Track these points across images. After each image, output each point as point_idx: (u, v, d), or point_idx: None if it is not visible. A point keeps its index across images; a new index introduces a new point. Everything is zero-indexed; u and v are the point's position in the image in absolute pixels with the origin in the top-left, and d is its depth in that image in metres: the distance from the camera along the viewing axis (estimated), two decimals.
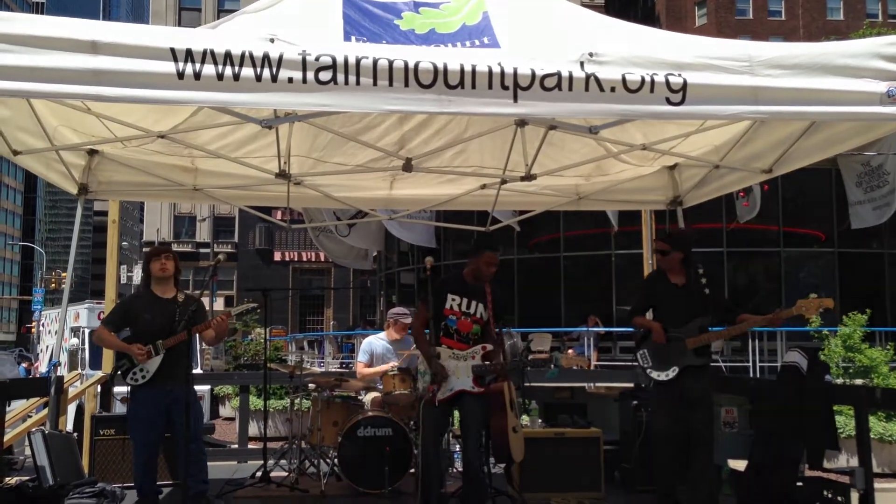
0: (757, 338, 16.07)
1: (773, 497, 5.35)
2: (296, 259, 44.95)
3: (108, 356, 7.82)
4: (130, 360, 5.62)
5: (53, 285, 51.77)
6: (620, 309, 19.53)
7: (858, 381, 13.80)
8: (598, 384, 16.13)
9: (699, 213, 7.69)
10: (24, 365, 21.14)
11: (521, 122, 5.48)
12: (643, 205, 7.61)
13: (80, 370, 14.03)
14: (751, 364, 16.05)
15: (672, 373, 5.44)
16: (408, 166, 6.10)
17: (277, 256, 44.77)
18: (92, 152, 6.52)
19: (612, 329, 18.68)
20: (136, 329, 5.71)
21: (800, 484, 5.30)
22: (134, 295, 6.12)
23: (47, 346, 17.71)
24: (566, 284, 20.91)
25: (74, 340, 15.66)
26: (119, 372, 5.67)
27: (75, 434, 7.44)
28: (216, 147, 6.18)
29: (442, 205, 7.46)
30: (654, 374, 5.55)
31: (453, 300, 5.49)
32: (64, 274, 48.83)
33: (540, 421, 6.88)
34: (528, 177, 6.07)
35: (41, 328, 21.03)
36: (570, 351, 18.50)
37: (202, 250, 46.85)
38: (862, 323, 15.38)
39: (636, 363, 5.73)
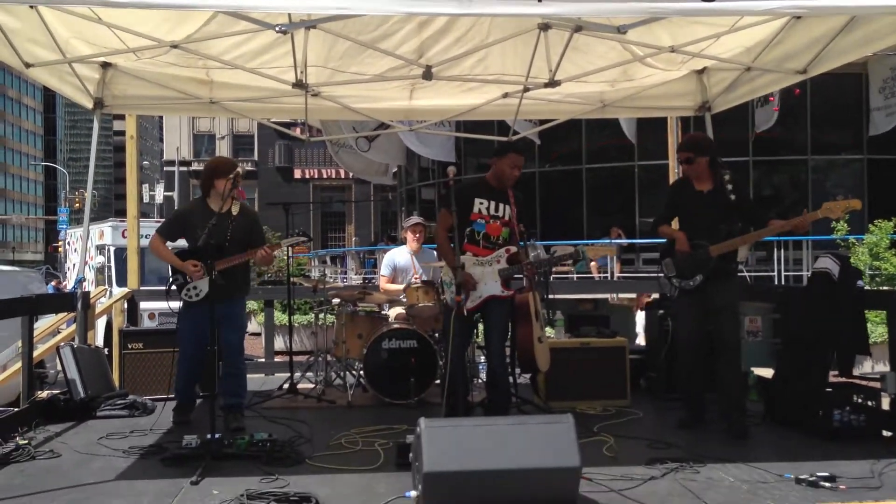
0: (782, 247, 15.91)
1: (802, 403, 5.31)
2: (316, 176, 44.82)
3: (133, 275, 7.88)
4: (184, 275, 5.62)
5: (77, 205, 52.16)
6: (643, 221, 19.38)
7: (885, 289, 13.70)
8: (620, 295, 16.17)
9: (724, 121, 7.42)
10: (52, 283, 21.43)
11: (545, 26, 5.28)
12: (670, 111, 7.41)
13: (106, 287, 14.21)
14: (776, 273, 15.92)
15: (696, 281, 5.35)
16: (427, 74, 5.93)
17: (298, 174, 44.63)
18: (105, 65, 6.41)
19: (634, 241, 18.57)
20: (192, 244, 5.66)
21: (829, 390, 5.25)
22: (189, 207, 6.01)
23: (74, 265, 17.87)
24: (588, 196, 20.71)
25: (100, 258, 15.79)
26: (174, 287, 5.67)
27: (105, 349, 7.54)
28: (231, 57, 6.03)
29: (463, 115, 7.29)
30: (678, 283, 5.47)
31: (481, 203, 5.37)
32: (85, 194, 49.12)
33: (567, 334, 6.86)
34: (552, 83, 5.89)
35: (67, 247, 21.21)
36: (592, 263, 18.46)
37: None
38: (889, 231, 15.18)
39: (661, 273, 5.64)
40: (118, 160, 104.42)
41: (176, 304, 5.68)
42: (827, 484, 4.04)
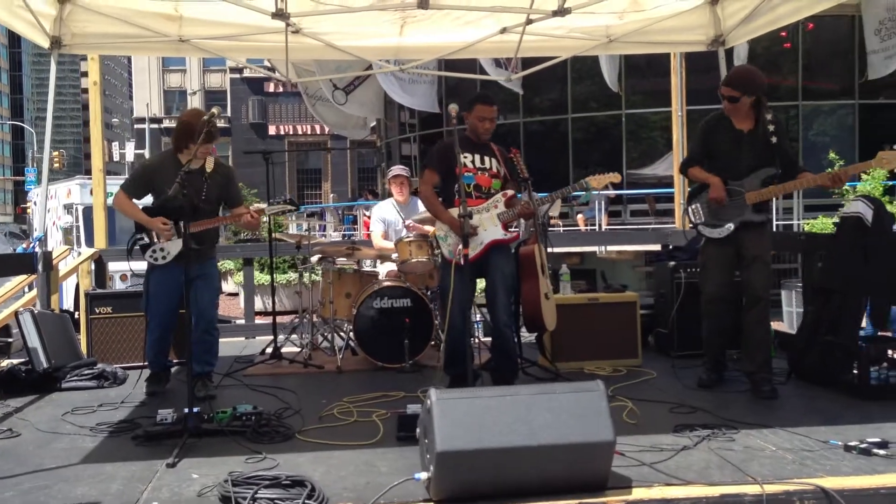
0: (770, 204, 15.51)
1: (832, 359, 4.90)
2: (291, 132, 43.92)
3: (100, 234, 7.31)
4: (151, 234, 5.09)
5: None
6: (630, 172, 18.97)
7: None
8: (609, 248, 15.78)
9: (708, 66, 6.92)
10: (23, 245, 20.73)
11: None
12: (679, 46, 6.86)
13: (75, 247, 13.58)
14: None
15: (727, 230, 4.88)
16: (423, 2, 5.32)
17: (272, 130, 43.69)
18: (63, 0, 5.77)
19: (622, 192, 18.14)
20: (158, 200, 5.12)
21: (862, 344, 4.84)
22: (158, 161, 5.40)
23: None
24: (574, 147, 20.21)
25: (68, 218, 15.13)
26: (137, 245, 5.14)
27: (76, 314, 7.01)
28: None
29: (457, 53, 6.69)
30: (707, 232, 5.00)
31: (465, 157, 4.88)
32: (56, 154, 47.86)
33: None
34: (562, 10, 5.31)
35: (34, 207, 20.49)
36: (579, 216, 18.06)
37: None
38: (883, 178, 14.84)
39: (688, 218, 5.14)
40: (87, 118, 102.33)
41: (138, 266, 5.14)
42: (881, 451, 3.60)
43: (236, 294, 18.58)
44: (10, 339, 7.69)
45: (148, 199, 5.24)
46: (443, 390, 3.24)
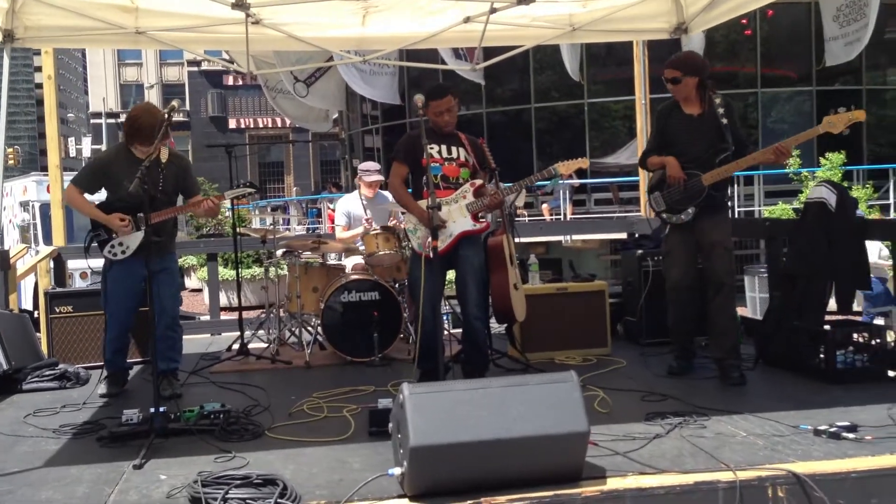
0: (736, 183, 15.68)
1: (798, 344, 4.94)
2: (252, 125, 43.41)
3: (58, 231, 7.15)
4: (108, 229, 4.96)
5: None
6: (594, 161, 19.05)
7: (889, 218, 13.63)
8: (574, 237, 15.82)
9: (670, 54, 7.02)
10: None
11: None
12: (642, 34, 6.87)
13: (33, 246, 13.31)
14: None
15: (689, 214, 4.90)
16: None
17: (233, 123, 43.12)
18: None
19: (586, 181, 18.21)
20: (114, 196, 4.99)
21: (827, 328, 4.89)
22: (110, 155, 5.28)
23: None
24: (538, 137, 20.24)
25: (25, 216, 14.81)
26: (94, 243, 5.01)
27: (35, 313, 6.84)
28: None
29: (420, 43, 6.62)
30: (669, 218, 5.01)
31: (432, 147, 4.82)
32: (10, 150, 46.91)
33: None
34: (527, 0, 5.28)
35: None
36: (544, 206, 18.11)
37: None
38: (840, 163, 15.08)
39: (651, 207, 5.16)
40: (42, 113, 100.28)
41: (97, 263, 5.01)
42: (850, 435, 3.63)
43: (200, 290, 18.35)
44: None
45: (99, 195, 5.13)
46: (415, 384, 3.20)
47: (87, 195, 5.04)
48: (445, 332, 6.03)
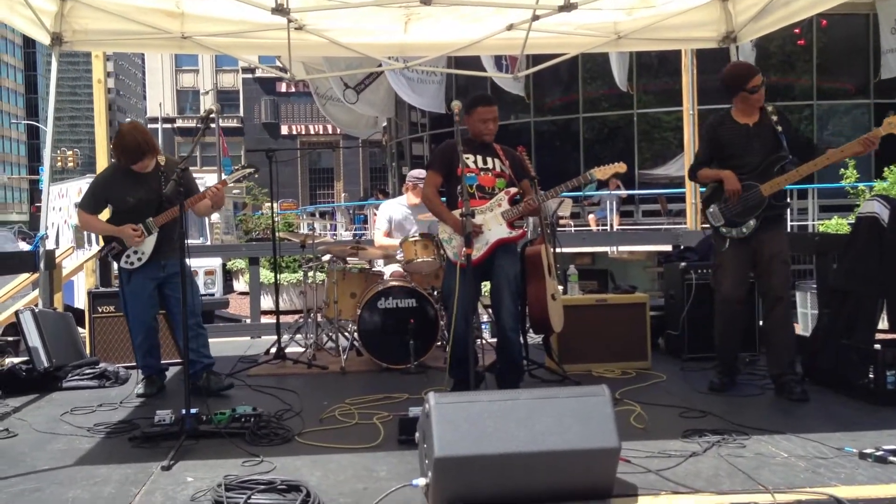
0: (789, 196, 15.32)
1: (847, 363, 4.77)
2: (303, 132, 43.93)
3: None
4: (121, 241, 5.06)
5: (59, 163, 51.08)
6: (642, 172, 18.84)
7: None
8: (620, 248, 15.62)
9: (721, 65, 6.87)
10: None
11: None
12: (690, 43, 6.73)
13: (87, 246, 13.56)
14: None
15: (750, 227, 4.75)
16: None
17: (284, 130, 43.73)
18: None
19: (634, 192, 18.00)
20: (120, 210, 5.12)
21: (877, 346, 4.71)
22: (106, 175, 5.40)
23: (52, 223, 17.21)
24: (585, 147, 20.07)
25: None
26: (109, 256, 5.14)
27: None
28: None
29: (462, 49, 6.59)
30: (730, 232, 4.85)
31: (468, 157, 4.78)
32: (70, 153, 48.05)
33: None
34: (568, 6, 5.20)
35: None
36: (590, 216, 17.91)
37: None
38: None
39: (707, 223, 5.02)
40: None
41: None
42: None
43: (247, 293, 18.53)
44: (9, 339, 7.63)
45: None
46: (441, 394, 3.14)
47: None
48: (483, 341, 5.97)
